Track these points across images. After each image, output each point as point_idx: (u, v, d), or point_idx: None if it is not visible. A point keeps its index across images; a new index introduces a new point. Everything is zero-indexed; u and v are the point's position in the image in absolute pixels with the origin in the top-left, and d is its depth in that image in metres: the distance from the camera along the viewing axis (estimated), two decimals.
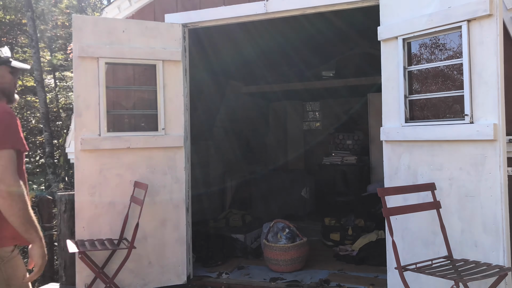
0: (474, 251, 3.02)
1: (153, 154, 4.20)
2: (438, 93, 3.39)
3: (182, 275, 4.27)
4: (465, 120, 3.07)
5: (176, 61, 4.28)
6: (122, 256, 3.78)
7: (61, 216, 4.52)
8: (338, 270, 4.49)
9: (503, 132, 2.92)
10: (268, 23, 4.85)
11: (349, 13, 4.14)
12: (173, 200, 4.26)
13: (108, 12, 4.88)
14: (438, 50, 3.38)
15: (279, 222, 4.75)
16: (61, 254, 4.58)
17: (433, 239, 3.23)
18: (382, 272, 3.98)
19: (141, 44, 4.18)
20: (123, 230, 4.01)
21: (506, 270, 2.73)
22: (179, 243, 4.27)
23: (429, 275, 2.73)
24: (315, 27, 5.87)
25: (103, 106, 4.05)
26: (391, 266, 3.54)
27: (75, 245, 3.71)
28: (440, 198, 3.17)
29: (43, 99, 10.06)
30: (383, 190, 3.03)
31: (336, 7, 3.94)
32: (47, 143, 10.01)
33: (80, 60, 4.01)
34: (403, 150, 3.48)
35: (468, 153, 3.07)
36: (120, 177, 4.11)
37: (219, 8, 4.29)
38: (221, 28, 4.83)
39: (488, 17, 2.94)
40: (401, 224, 3.43)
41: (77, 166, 4.03)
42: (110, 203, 4.07)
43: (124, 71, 4.30)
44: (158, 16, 4.55)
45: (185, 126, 4.36)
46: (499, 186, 2.92)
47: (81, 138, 3.99)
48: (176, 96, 4.29)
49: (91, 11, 14.46)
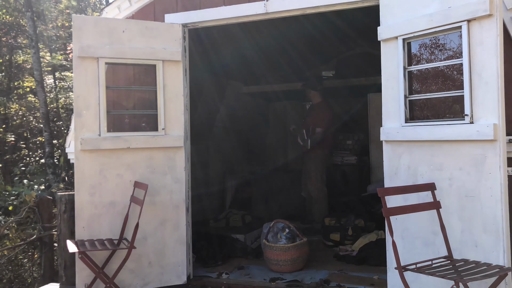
0: (474, 251, 3.02)
1: (153, 154, 4.20)
2: (438, 93, 3.39)
3: (182, 275, 4.27)
4: (465, 120, 3.07)
5: (176, 61, 4.29)
6: (122, 256, 3.78)
7: (61, 216, 4.52)
8: (338, 270, 4.48)
9: (503, 132, 2.92)
10: (268, 23, 4.85)
11: (349, 13, 4.14)
12: (173, 200, 4.26)
13: (108, 12, 4.88)
14: (438, 50, 3.38)
15: (279, 222, 4.74)
16: (61, 254, 4.58)
17: (433, 239, 3.24)
18: (382, 272, 3.97)
19: (141, 44, 4.18)
20: (123, 230, 4.01)
21: (506, 270, 2.73)
22: (179, 243, 4.27)
23: (429, 275, 2.74)
24: (316, 27, 5.87)
25: (103, 106, 4.05)
26: (391, 266, 3.54)
27: (75, 245, 3.71)
28: (440, 198, 3.17)
29: (43, 99, 10.07)
30: (383, 190, 3.03)
31: (336, 7, 3.94)
32: (47, 143, 10.02)
33: (80, 60, 4.01)
34: (403, 150, 3.48)
35: (468, 153, 3.07)
36: (120, 177, 4.11)
37: (219, 8, 4.29)
38: (221, 28, 4.83)
39: (488, 17, 2.94)
40: (401, 224, 3.43)
41: (77, 166, 4.03)
42: (110, 203, 4.07)
43: (124, 71, 4.30)
44: (158, 16, 4.55)
45: (185, 126, 4.36)
46: (499, 186, 2.92)
47: (81, 138, 3.99)
48: (176, 96, 4.29)
49: (91, 11, 14.46)
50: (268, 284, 4.20)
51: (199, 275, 4.48)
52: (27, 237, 6.54)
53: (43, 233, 5.71)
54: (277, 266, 4.50)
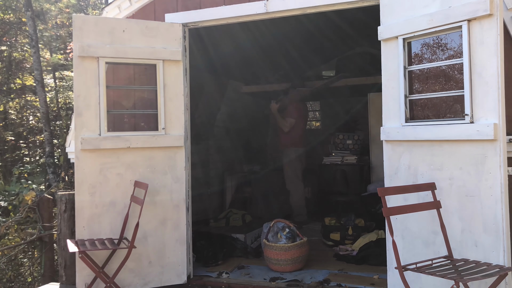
0: (474, 251, 3.02)
1: (153, 154, 4.21)
2: (438, 93, 3.39)
3: (182, 275, 4.28)
4: (465, 120, 3.07)
5: (177, 61, 4.29)
6: (122, 255, 3.78)
7: (61, 215, 4.53)
8: (338, 270, 4.49)
9: (503, 132, 2.92)
10: (269, 22, 4.86)
11: (349, 12, 4.14)
12: (173, 200, 4.26)
13: (108, 12, 4.88)
14: (439, 50, 3.38)
15: (279, 222, 4.75)
16: (61, 254, 4.58)
17: (433, 239, 3.24)
18: (382, 272, 3.98)
19: (141, 43, 4.18)
20: (123, 230, 4.02)
21: (506, 270, 2.73)
22: (179, 243, 4.27)
23: (429, 275, 2.74)
24: (316, 26, 5.86)
25: (103, 106, 4.06)
26: (391, 266, 3.54)
27: (75, 245, 3.71)
28: (440, 198, 3.17)
29: (43, 99, 10.06)
30: (383, 190, 3.03)
31: (337, 7, 3.95)
32: (47, 143, 10.01)
33: (80, 59, 4.01)
34: (403, 150, 3.48)
35: (468, 153, 3.07)
36: (121, 176, 4.11)
37: (219, 7, 4.29)
38: (221, 28, 4.83)
39: (489, 16, 2.94)
40: (401, 223, 3.43)
41: (77, 165, 4.03)
42: (110, 202, 4.08)
43: (125, 70, 4.30)
44: (159, 16, 4.56)
45: (185, 125, 4.36)
46: (499, 186, 2.92)
47: (81, 138, 3.99)
48: (176, 95, 4.29)
49: (91, 10, 14.45)
50: (268, 283, 4.21)
51: (199, 275, 4.48)
52: (27, 237, 6.54)
53: (43, 233, 5.71)
54: (277, 265, 4.50)
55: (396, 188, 3.30)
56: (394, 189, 3.26)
